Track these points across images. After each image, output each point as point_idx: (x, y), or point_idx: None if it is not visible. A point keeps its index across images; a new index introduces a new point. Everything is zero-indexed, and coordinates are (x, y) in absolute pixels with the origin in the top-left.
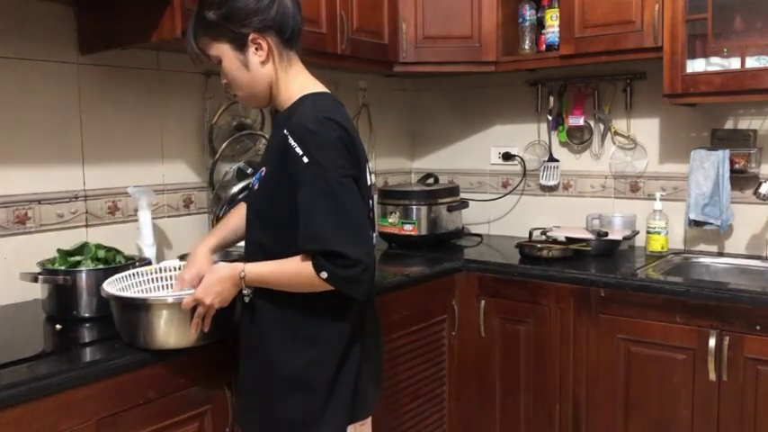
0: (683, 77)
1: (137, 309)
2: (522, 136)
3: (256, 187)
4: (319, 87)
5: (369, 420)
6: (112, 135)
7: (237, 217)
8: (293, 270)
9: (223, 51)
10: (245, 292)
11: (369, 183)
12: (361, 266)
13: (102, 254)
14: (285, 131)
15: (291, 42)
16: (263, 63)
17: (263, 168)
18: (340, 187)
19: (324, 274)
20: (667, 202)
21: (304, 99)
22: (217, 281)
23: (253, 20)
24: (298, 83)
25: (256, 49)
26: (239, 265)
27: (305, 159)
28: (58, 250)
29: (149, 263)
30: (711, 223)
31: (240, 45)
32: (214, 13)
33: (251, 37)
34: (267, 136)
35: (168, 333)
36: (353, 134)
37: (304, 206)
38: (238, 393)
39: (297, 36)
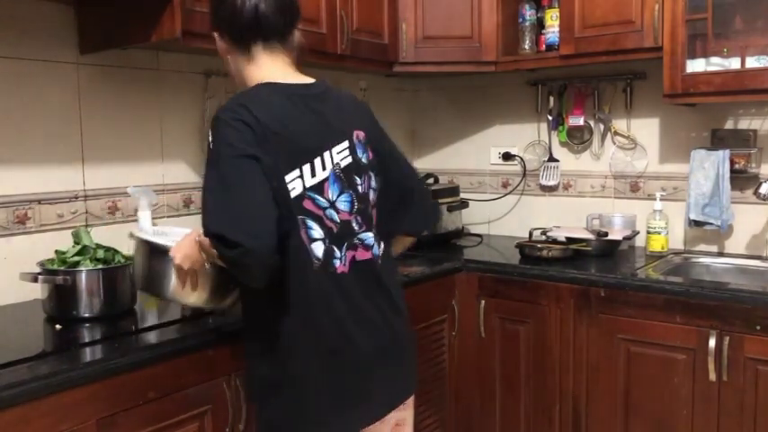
0: (683, 77)
1: (164, 255)
2: (522, 136)
3: None
4: (276, 79)
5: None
6: (112, 135)
7: None
8: None
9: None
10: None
11: (305, 182)
12: (239, 250)
13: (101, 254)
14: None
15: (246, 38)
16: (227, 54)
17: None
18: (229, 167)
19: (217, 254)
20: (667, 202)
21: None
22: (187, 243)
23: (212, 18)
24: (257, 76)
25: (218, 41)
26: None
27: (210, 145)
28: (56, 251)
29: None
30: (711, 223)
31: (214, 36)
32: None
33: (213, 32)
34: None
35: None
36: (270, 115)
37: (202, 188)
38: None
39: (253, 32)
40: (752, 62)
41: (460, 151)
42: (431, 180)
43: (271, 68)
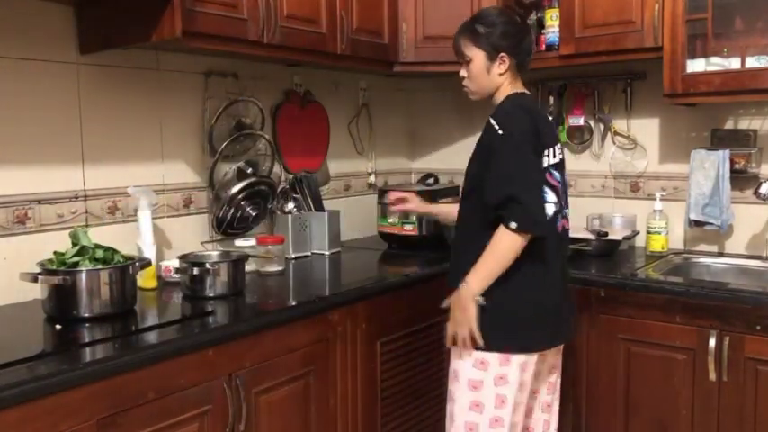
0: (683, 77)
1: None
2: None
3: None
4: (521, 90)
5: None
6: (112, 135)
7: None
8: None
9: (476, 54)
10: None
11: (549, 161)
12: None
13: (100, 254)
14: (490, 118)
15: (523, 67)
16: (500, 74)
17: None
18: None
19: None
20: (667, 202)
21: (507, 98)
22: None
23: (509, 43)
24: (510, 90)
25: (500, 63)
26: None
27: (500, 132)
28: (55, 252)
29: (149, 263)
30: (711, 223)
31: (492, 57)
32: (484, 28)
33: (501, 55)
34: (267, 136)
35: None
36: (537, 118)
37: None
38: None
39: (527, 64)
40: (752, 62)
41: (460, 151)
42: (431, 180)
43: (520, 86)
